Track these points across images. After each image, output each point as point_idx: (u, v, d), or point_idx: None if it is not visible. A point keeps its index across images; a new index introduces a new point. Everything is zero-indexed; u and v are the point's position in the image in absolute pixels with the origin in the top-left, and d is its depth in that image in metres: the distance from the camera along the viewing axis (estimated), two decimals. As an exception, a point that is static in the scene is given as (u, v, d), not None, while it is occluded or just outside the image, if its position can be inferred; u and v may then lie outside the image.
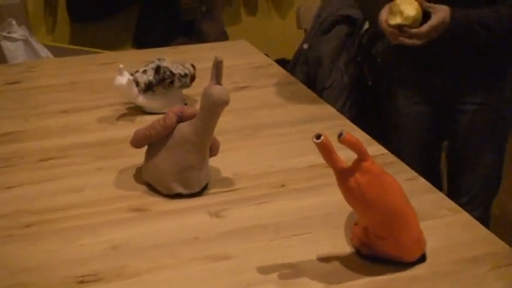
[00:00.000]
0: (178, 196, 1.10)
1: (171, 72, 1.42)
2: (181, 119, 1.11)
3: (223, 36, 2.98)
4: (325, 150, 0.85)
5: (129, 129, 1.37)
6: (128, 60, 1.85)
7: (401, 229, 0.90)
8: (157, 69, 1.42)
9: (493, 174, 1.72)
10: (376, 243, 0.92)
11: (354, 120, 1.47)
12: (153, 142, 1.12)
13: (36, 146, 1.30)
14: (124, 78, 1.40)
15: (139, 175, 1.18)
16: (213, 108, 1.06)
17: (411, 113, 1.69)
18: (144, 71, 1.42)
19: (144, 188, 1.14)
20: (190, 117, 1.11)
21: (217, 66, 1.05)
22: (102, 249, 0.97)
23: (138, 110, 1.47)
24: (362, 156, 0.87)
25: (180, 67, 1.45)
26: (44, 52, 2.59)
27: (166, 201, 1.10)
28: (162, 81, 1.42)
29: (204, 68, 1.75)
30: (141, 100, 1.44)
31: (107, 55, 1.90)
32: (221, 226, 1.03)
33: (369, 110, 2.06)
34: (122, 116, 1.45)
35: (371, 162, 0.87)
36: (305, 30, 2.40)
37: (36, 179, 1.18)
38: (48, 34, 3.00)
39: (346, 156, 0.88)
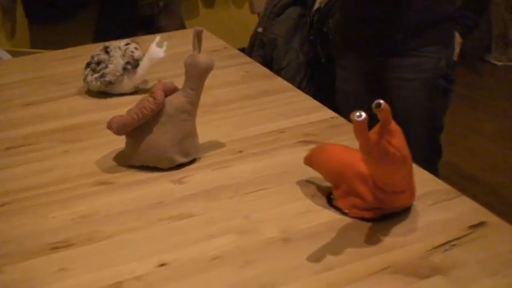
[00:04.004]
0: (143, 168, 1.17)
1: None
2: (166, 93, 1.17)
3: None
4: (364, 128, 0.85)
5: (93, 114, 1.44)
6: (89, 53, 1.90)
7: (413, 176, 0.97)
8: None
9: (430, 145, 1.84)
10: (392, 200, 0.96)
11: (313, 96, 1.54)
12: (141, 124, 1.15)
13: (4, 137, 1.36)
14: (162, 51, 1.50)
15: (106, 155, 1.24)
16: (202, 74, 1.16)
17: (349, 90, 1.82)
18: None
19: (109, 164, 1.20)
20: (173, 90, 1.18)
21: (198, 36, 1.15)
22: (72, 219, 1.03)
23: (100, 97, 1.54)
24: (388, 120, 0.89)
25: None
26: (6, 56, 2.64)
27: (131, 173, 1.17)
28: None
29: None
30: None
31: (67, 51, 1.95)
32: (184, 190, 1.10)
33: (324, 86, 2.14)
34: (85, 103, 1.51)
35: (393, 123, 0.90)
36: (258, 14, 2.48)
37: (5, 165, 1.23)
38: (8, 40, 3.03)
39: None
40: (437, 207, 1.00)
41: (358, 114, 0.84)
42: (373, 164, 0.92)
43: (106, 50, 1.55)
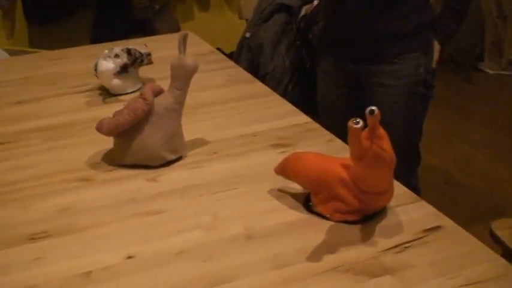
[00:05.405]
0: (122, 166, 1.23)
1: (139, 52, 1.59)
2: (154, 95, 1.23)
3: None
4: (360, 134, 0.90)
5: (80, 113, 1.51)
6: (80, 55, 1.97)
7: (392, 176, 1.02)
8: (128, 51, 1.57)
9: (410, 150, 1.89)
10: (375, 200, 1.00)
11: (298, 100, 1.60)
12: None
13: (-8, 133, 1.42)
14: (109, 63, 1.54)
15: (88, 152, 1.30)
16: (189, 75, 1.23)
17: (329, 94, 1.88)
18: (116, 55, 1.56)
19: (91, 162, 1.27)
20: (159, 92, 1.25)
21: (184, 39, 1.22)
22: (51, 212, 1.09)
23: (88, 97, 1.60)
24: (377, 125, 0.92)
25: (140, 48, 1.61)
26: (3, 55, 2.69)
27: (110, 171, 1.23)
28: (135, 62, 1.58)
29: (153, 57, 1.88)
30: (115, 82, 1.58)
31: (60, 52, 2.02)
32: (157, 188, 1.16)
33: (309, 90, 2.20)
34: (73, 103, 1.57)
35: (381, 127, 0.94)
36: (246, 20, 2.54)
37: (-9, 160, 1.30)
38: (7, 39, 3.10)
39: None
40: (396, 210, 1.06)
41: (355, 121, 0.89)
42: (364, 168, 0.97)
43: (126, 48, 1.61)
